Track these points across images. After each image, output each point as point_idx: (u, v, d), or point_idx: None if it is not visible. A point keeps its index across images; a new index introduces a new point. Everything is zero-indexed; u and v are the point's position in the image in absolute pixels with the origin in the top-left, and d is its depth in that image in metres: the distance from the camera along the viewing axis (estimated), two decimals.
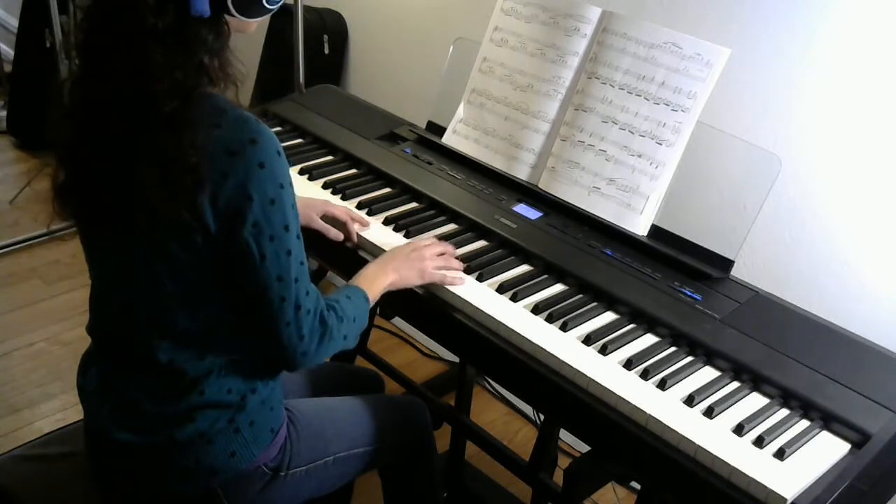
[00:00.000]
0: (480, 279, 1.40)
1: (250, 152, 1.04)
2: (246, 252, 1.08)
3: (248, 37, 1.18)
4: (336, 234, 1.48)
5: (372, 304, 1.31)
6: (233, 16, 1.08)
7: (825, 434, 1.16)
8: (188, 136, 1.02)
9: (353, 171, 1.75)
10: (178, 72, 1.02)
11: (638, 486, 2.05)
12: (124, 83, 1.02)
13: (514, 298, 1.36)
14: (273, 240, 1.08)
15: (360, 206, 1.59)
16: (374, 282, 1.33)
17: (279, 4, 1.14)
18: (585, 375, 1.20)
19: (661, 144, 1.49)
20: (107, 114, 1.05)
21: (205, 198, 1.04)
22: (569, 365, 1.22)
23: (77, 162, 1.11)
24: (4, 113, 3.71)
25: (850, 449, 1.13)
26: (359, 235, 1.50)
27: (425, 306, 1.39)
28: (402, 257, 1.38)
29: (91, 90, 1.07)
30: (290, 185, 1.10)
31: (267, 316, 1.12)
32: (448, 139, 1.77)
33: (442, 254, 1.41)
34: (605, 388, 1.18)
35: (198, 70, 1.04)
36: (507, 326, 1.29)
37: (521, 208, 1.60)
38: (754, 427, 1.14)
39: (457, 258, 1.43)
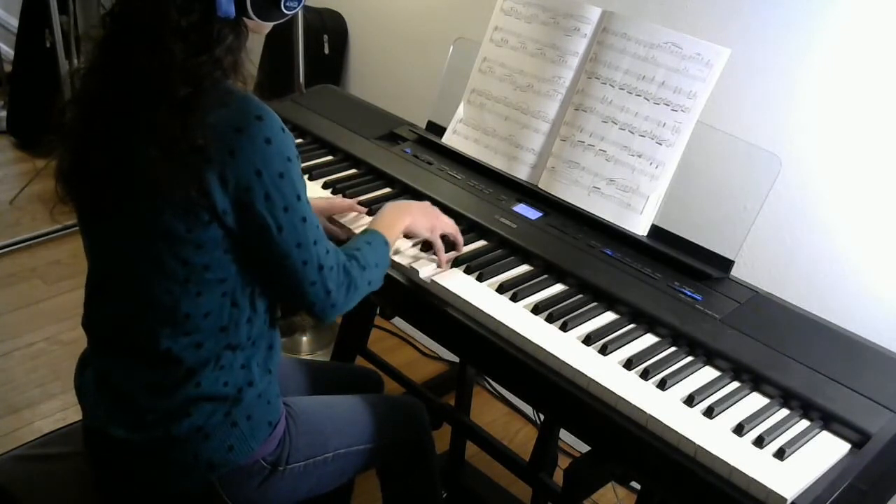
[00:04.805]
0: (480, 279, 1.40)
1: (257, 129, 1.08)
2: (263, 225, 1.11)
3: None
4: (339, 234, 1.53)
5: (392, 246, 1.35)
6: (251, 19, 1.13)
7: (825, 434, 1.16)
8: (196, 117, 1.05)
9: (353, 171, 1.75)
10: (194, 64, 1.06)
11: (638, 486, 2.05)
12: (143, 75, 1.06)
13: (514, 298, 1.36)
14: (287, 210, 1.12)
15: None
16: (393, 226, 1.39)
17: (296, 10, 1.19)
18: (585, 375, 1.20)
19: (661, 144, 1.49)
20: (120, 99, 1.09)
21: (213, 176, 1.07)
22: (569, 365, 1.22)
23: (84, 145, 1.13)
24: (4, 113, 3.71)
25: (850, 449, 1.13)
26: None
27: (425, 306, 1.39)
28: (420, 207, 1.46)
29: (107, 80, 1.10)
30: (297, 157, 1.14)
31: (292, 280, 1.17)
32: (448, 139, 1.77)
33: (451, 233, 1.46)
34: (605, 387, 1.18)
35: (215, 64, 1.08)
36: (507, 326, 1.29)
37: (521, 208, 1.60)
38: (754, 427, 1.14)
39: (456, 258, 1.44)
